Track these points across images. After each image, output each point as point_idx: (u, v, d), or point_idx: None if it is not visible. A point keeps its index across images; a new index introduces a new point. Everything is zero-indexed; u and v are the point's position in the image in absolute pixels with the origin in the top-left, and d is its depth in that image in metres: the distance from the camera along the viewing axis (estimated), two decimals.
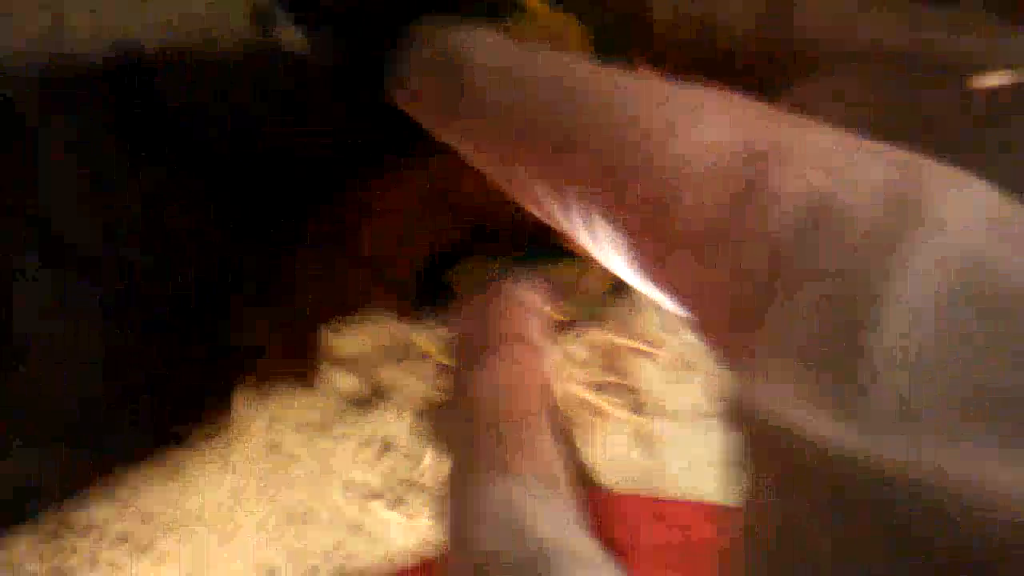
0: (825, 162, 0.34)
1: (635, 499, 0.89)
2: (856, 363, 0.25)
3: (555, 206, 0.54)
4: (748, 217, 0.35)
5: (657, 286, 0.46)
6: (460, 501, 0.69)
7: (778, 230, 0.33)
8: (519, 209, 0.97)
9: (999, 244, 0.26)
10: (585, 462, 1.11)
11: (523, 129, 0.54)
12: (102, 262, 0.69)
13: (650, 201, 0.42)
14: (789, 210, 0.33)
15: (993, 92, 0.87)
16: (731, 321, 0.36)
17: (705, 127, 0.41)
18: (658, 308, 1.15)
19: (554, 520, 0.66)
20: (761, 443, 0.30)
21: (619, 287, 1.10)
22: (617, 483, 1.08)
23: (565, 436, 1.09)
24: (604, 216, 0.47)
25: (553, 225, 0.59)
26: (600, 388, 1.15)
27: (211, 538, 0.86)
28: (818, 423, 0.25)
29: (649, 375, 1.17)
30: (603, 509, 0.87)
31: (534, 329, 0.88)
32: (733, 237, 0.35)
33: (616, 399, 1.16)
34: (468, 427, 0.76)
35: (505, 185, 0.64)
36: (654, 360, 1.16)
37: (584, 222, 0.50)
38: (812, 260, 0.31)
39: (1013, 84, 0.98)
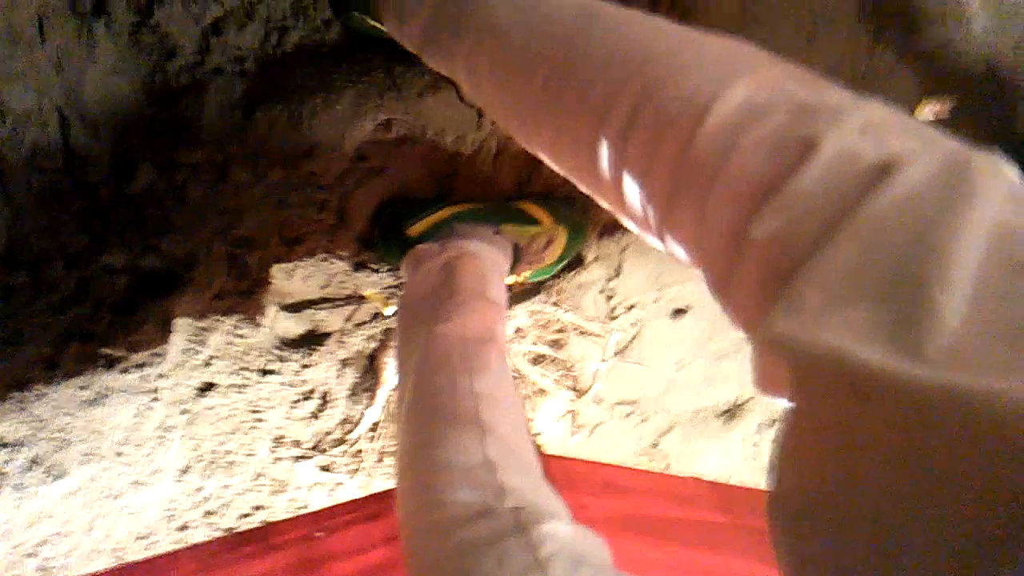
0: (889, 129, 0.37)
1: (584, 464, 0.88)
2: (923, 309, 0.29)
3: (579, 154, 0.51)
4: (804, 175, 0.36)
5: (683, 243, 0.46)
6: (424, 451, 0.66)
7: (843, 186, 0.35)
8: (493, 166, 0.96)
9: (1018, 216, 0.31)
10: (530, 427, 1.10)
11: (552, 61, 0.52)
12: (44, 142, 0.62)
13: (693, 159, 0.41)
14: (855, 169, 0.35)
15: None
16: (768, 270, 0.36)
17: (750, 85, 0.41)
18: (602, 291, 1.17)
19: (524, 474, 0.65)
20: (816, 375, 0.31)
21: (572, 262, 1.11)
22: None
23: None
24: (636, 169, 0.46)
25: (561, 170, 0.58)
26: (539, 360, 1.15)
27: (127, 477, 0.78)
28: (881, 356, 0.28)
29: (587, 356, 1.18)
30: (550, 472, 0.86)
31: (495, 287, 0.87)
32: (786, 194, 0.36)
33: (553, 374, 1.16)
34: (431, 379, 0.73)
35: (512, 122, 0.61)
36: (594, 342, 1.17)
37: (611, 171, 0.49)
38: (877, 217, 0.33)
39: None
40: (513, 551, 0.53)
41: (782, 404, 0.41)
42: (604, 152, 0.48)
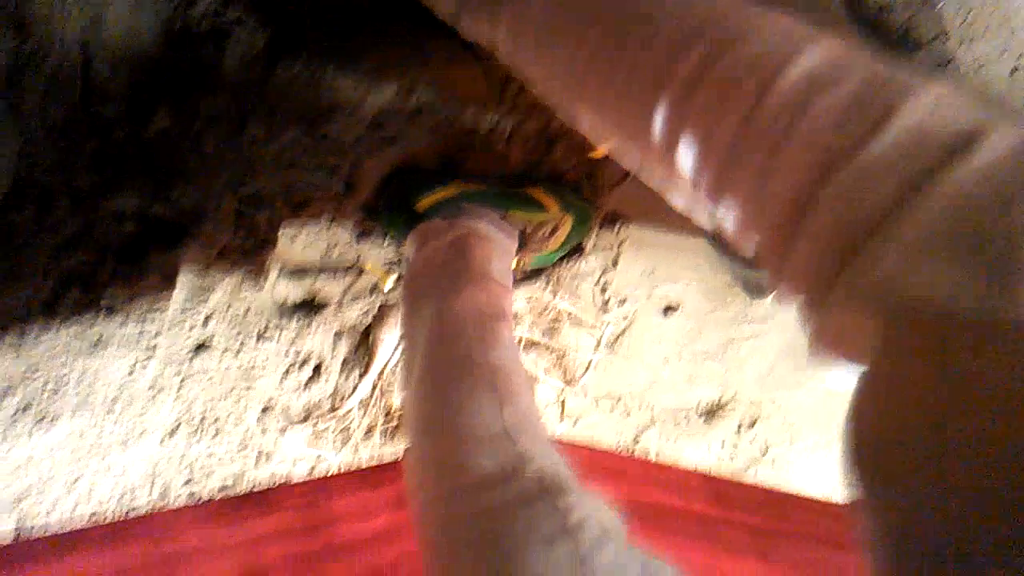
0: (962, 102, 0.37)
1: (582, 449, 0.87)
2: (1016, 264, 0.30)
3: (630, 114, 0.51)
4: (880, 141, 0.36)
5: (737, 206, 0.45)
6: (441, 419, 0.64)
7: (921, 155, 0.35)
8: (506, 146, 0.95)
9: None
10: None
11: (610, 16, 0.51)
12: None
13: (762, 118, 0.41)
14: (932, 139, 0.35)
15: None
16: (837, 232, 0.37)
17: (824, 52, 0.42)
18: (597, 283, 1.17)
19: (542, 445, 0.64)
20: (912, 322, 0.32)
21: (572, 251, 1.10)
22: None
23: None
24: (697, 125, 0.46)
25: (604, 136, 0.57)
26: (532, 347, 1.14)
27: (115, 435, 0.75)
28: (981, 304, 0.29)
29: (579, 346, 1.18)
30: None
31: (503, 270, 0.86)
32: (860, 159, 0.37)
33: (545, 362, 1.15)
34: (445, 349, 0.72)
35: (556, 87, 0.60)
36: (589, 333, 1.16)
37: (666, 129, 0.48)
38: (959, 183, 0.33)
39: None
40: (542, 515, 0.52)
41: (834, 372, 0.41)
42: (661, 109, 0.47)
